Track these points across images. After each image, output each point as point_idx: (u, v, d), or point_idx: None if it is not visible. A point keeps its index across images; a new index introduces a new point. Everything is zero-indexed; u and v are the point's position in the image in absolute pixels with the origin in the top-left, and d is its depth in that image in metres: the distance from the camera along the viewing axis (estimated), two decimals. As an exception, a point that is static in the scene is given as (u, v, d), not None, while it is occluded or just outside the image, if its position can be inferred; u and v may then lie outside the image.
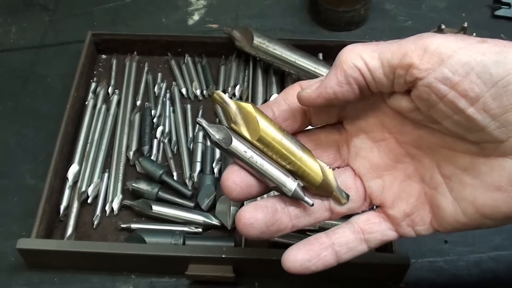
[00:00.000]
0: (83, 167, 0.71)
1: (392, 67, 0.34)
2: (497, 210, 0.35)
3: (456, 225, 0.38)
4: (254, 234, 0.40)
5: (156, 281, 0.63)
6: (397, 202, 0.41)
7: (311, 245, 0.41)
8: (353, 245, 0.42)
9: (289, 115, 0.42)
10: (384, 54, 0.35)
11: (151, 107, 0.79)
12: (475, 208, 0.36)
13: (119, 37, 0.84)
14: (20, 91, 0.82)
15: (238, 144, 0.40)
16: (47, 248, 0.61)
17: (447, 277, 0.63)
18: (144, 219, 0.68)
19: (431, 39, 0.33)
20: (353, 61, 0.36)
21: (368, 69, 0.36)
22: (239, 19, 0.92)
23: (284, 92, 0.42)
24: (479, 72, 0.31)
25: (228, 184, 0.39)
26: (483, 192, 0.36)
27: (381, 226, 0.41)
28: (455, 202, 0.38)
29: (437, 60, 0.32)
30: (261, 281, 0.63)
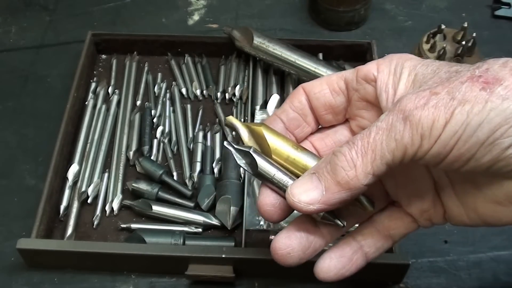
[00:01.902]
0: (83, 167, 0.71)
1: (395, 163, 0.35)
2: (498, 220, 0.37)
3: (462, 224, 0.40)
4: (293, 262, 0.40)
5: (156, 281, 0.63)
6: (413, 200, 0.42)
7: (342, 251, 0.42)
8: (380, 244, 0.43)
9: (299, 122, 0.42)
10: (385, 159, 0.35)
11: (151, 107, 0.79)
12: (477, 215, 0.38)
13: (119, 37, 0.84)
14: (20, 91, 0.82)
15: (264, 168, 0.40)
16: (47, 248, 0.61)
17: (447, 277, 0.63)
18: (144, 219, 0.68)
19: (413, 115, 0.33)
20: (361, 183, 0.36)
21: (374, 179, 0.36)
22: (239, 19, 0.92)
23: (289, 99, 0.43)
24: (466, 138, 0.33)
25: (267, 209, 0.40)
26: (483, 203, 0.37)
27: (403, 221, 0.42)
28: (460, 206, 0.39)
29: (428, 143, 0.33)
30: (261, 281, 0.63)
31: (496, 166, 0.33)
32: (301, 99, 0.42)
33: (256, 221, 0.66)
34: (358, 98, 0.41)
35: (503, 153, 0.32)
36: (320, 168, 0.37)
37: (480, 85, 0.33)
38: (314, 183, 0.37)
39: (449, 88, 0.33)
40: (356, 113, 0.42)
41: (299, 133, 0.43)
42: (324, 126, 0.44)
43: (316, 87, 0.42)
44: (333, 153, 0.37)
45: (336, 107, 0.42)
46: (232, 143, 0.41)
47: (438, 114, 0.33)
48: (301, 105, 0.42)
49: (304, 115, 0.42)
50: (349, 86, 0.41)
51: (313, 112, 0.43)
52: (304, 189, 0.37)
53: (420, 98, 0.34)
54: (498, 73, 0.33)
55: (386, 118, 0.35)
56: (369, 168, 0.35)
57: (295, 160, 0.40)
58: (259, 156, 0.40)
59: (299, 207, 0.37)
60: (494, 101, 0.32)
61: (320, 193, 0.36)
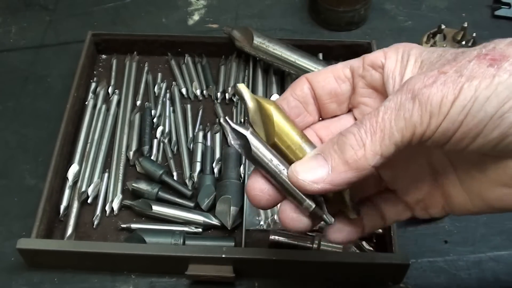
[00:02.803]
0: (83, 167, 0.71)
1: (404, 144, 0.35)
2: (503, 203, 0.37)
3: (466, 212, 0.40)
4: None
5: (156, 281, 0.63)
6: (410, 190, 0.42)
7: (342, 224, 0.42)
8: (375, 222, 0.43)
9: (300, 110, 0.42)
10: (394, 138, 0.34)
11: (151, 107, 0.79)
12: (482, 200, 0.38)
13: (119, 37, 0.84)
14: (20, 91, 0.82)
15: (259, 154, 0.38)
16: (47, 248, 0.61)
17: (447, 277, 0.63)
18: (144, 219, 0.68)
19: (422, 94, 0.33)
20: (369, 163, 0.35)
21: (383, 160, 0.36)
22: (239, 19, 0.92)
23: (291, 88, 0.42)
24: (474, 113, 0.33)
25: (255, 193, 0.39)
26: (489, 187, 0.37)
27: (397, 207, 0.42)
28: (464, 193, 0.39)
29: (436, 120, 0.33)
30: (261, 281, 0.63)
31: (504, 142, 0.33)
32: (303, 88, 0.42)
33: (256, 221, 0.66)
34: (363, 85, 0.41)
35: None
36: (326, 149, 0.36)
37: (488, 62, 0.33)
38: (320, 162, 0.36)
39: (457, 67, 0.33)
40: (360, 101, 0.42)
41: (300, 122, 0.42)
42: (326, 117, 0.43)
43: (320, 75, 0.42)
44: (341, 133, 0.36)
45: (341, 95, 0.42)
46: (230, 120, 0.38)
47: (447, 91, 0.33)
48: (303, 93, 0.41)
49: (305, 103, 0.42)
50: (355, 73, 0.41)
51: (316, 102, 0.42)
52: (308, 167, 0.36)
53: (428, 77, 0.34)
54: (505, 51, 0.33)
55: (394, 98, 0.35)
56: (377, 148, 0.34)
57: (298, 150, 0.38)
58: (256, 140, 0.38)
59: (303, 185, 0.36)
60: (502, 76, 0.32)
61: (326, 172, 0.36)
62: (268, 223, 0.66)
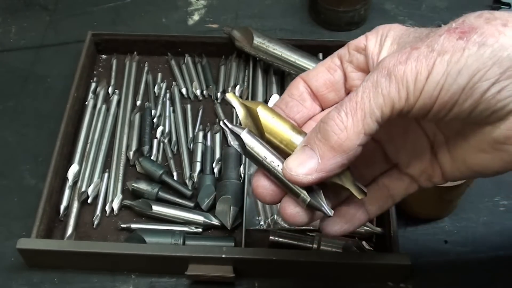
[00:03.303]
0: (83, 167, 0.71)
1: (384, 119, 0.36)
2: (486, 168, 0.39)
3: (455, 178, 0.42)
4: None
5: (156, 281, 0.63)
6: (412, 161, 0.43)
7: (346, 209, 0.43)
8: (381, 203, 0.44)
9: (298, 108, 0.43)
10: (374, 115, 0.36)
11: (151, 107, 0.79)
12: (466, 166, 0.40)
13: (119, 37, 0.84)
14: (20, 91, 0.82)
15: (254, 151, 0.39)
16: (47, 248, 0.61)
17: (447, 277, 0.63)
18: (144, 219, 0.68)
19: (397, 71, 0.35)
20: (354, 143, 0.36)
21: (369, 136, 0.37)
22: (239, 19, 0.92)
23: (287, 89, 0.44)
24: (448, 86, 0.34)
25: (259, 191, 0.40)
26: (471, 153, 0.39)
27: (403, 181, 0.44)
28: (452, 161, 0.41)
29: (413, 96, 0.35)
30: (261, 281, 0.63)
31: (477, 110, 0.35)
32: (299, 87, 0.43)
33: (256, 221, 0.66)
34: (352, 69, 0.43)
35: (483, 96, 0.34)
36: (311, 139, 0.38)
37: (457, 35, 0.34)
38: (308, 153, 0.37)
39: (428, 42, 0.35)
40: (353, 84, 0.43)
41: (299, 118, 0.43)
42: (328, 107, 0.44)
43: (313, 71, 0.44)
44: (321, 121, 0.37)
45: (336, 83, 0.43)
46: (228, 122, 0.40)
47: (420, 66, 0.34)
48: (299, 92, 0.43)
49: (302, 100, 0.43)
50: (343, 60, 0.43)
51: (314, 97, 0.43)
52: (299, 162, 0.38)
53: (402, 54, 0.35)
54: (474, 23, 0.35)
55: (370, 77, 0.36)
56: (360, 127, 0.36)
57: (291, 142, 0.39)
58: (251, 138, 0.39)
59: (298, 180, 0.37)
60: (471, 48, 0.34)
61: (316, 162, 0.37)
62: (268, 223, 0.66)
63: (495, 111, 0.35)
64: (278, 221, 0.66)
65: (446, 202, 0.64)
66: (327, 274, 0.62)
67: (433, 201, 0.64)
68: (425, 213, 0.67)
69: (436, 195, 0.62)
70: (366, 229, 0.65)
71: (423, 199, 0.64)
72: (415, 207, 0.67)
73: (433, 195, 0.62)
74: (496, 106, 0.34)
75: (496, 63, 0.33)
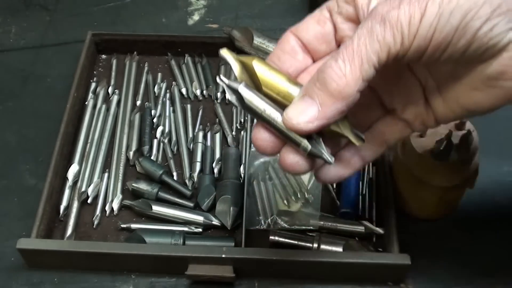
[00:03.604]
0: (83, 167, 0.71)
1: (381, 65, 0.37)
2: (479, 106, 0.40)
3: (449, 120, 0.44)
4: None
5: (156, 281, 0.63)
6: (407, 106, 0.44)
7: (340, 155, 0.44)
8: (376, 148, 0.46)
9: (290, 61, 0.43)
10: (371, 61, 0.36)
11: (151, 107, 0.79)
12: (460, 106, 0.41)
13: (119, 37, 0.84)
14: (20, 91, 0.82)
15: (252, 104, 0.40)
16: (47, 248, 0.61)
17: (447, 277, 0.63)
18: (144, 219, 0.68)
19: (391, 16, 0.36)
20: (353, 89, 0.37)
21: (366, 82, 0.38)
22: (239, 19, 0.92)
23: (278, 44, 0.44)
24: (441, 27, 0.35)
25: (259, 143, 0.41)
26: (464, 93, 0.40)
27: (398, 126, 0.45)
28: (444, 103, 0.42)
29: (408, 39, 0.36)
30: (261, 281, 0.63)
31: (470, 48, 0.36)
32: (290, 40, 0.44)
33: (256, 221, 0.66)
34: (342, 20, 0.43)
35: (475, 34, 0.35)
36: (309, 88, 0.38)
37: None
38: (308, 102, 0.38)
39: None
40: (343, 34, 0.43)
41: (293, 71, 0.44)
42: (320, 59, 0.45)
43: (303, 24, 0.44)
44: (319, 70, 0.38)
45: (327, 35, 0.44)
46: (224, 78, 0.41)
47: (413, 10, 0.35)
48: (290, 45, 0.43)
49: (294, 53, 0.43)
50: (333, 12, 0.43)
51: (305, 50, 0.44)
52: (299, 110, 0.38)
53: (394, 0, 0.36)
54: None
55: (365, 25, 0.37)
56: (358, 74, 0.37)
57: (288, 93, 0.40)
58: (249, 91, 0.40)
59: (299, 128, 0.38)
60: None
61: (316, 109, 0.38)
62: (268, 223, 0.66)
63: (488, 49, 0.36)
64: (278, 221, 0.66)
65: (446, 202, 0.64)
66: (327, 274, 0.62)
67: (433, 201, 0.64)
68: (425, 213, 0.67)
69: (436, 195, 0.62)
70: (366, 229, 0.65)
71: (423, 200, 0.64)
72: (415, 207, 0.67)
73: (433, 196, 0.63)
74: (489, 44, 0.36)
75: (487, 1, 0.34)
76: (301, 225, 0.65)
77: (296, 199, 0.67)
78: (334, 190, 0.69)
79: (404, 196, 0.66)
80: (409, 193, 0.65)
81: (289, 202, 0.67)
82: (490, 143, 0.65)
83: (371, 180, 0.70)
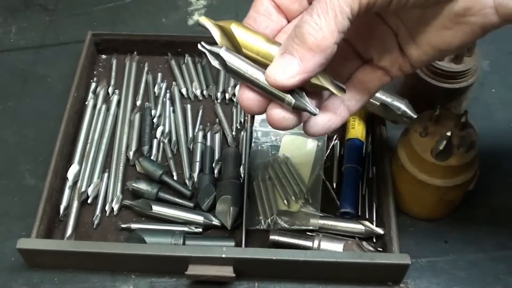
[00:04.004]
0: (83, 167, 0.71)
1: (354, 16, 0.38)
2: (450, 44, 0.43)
3: (423, 63, 0.46)
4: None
5: (156, 281, 0.63)
6: (382, 54, 0.46)
7: (326, 107, 0.45)
8: (359, 97, 0.47)
9: (266, 22, 0.44)
10: (345, 13, 0.38)
11: (151, 107, 0.79)
12: (432, 47, 0.44)
13: (119, 37, 0.84)
14: (20, 91, 0.82)
15: (235, 66, 0.41)
16: (47, 248, 0.61)
17: (447, 277, 0.63)
18: (144, 219, 0.68)
19: None
20: (331, 41, 0.38)
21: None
22: (239, 19, 0.91)
23: (253, 7, 0.45)
24: None
25: (246, 103, 0.42)
26: (434, 34, 0.43)
27: (377, 74, 0.47)
28: (417, 47, 0.44)
29: None
30: (261, 281, 0.63)
31: None
32: (263, 2, 0.44)
33: (256, 221, 0.66)
34: None
35: None
36: (288, 45, 0.40)
37: None
38: (288, 58, 0.40)
39: None
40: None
41: (269, 32, 0.45)
42: (294, 19, 0.46)
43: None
44: (296, 26, 0.39)
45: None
46: (206, 44, 0.42)
47: None
48: (264, 7, 0.44)
49: (269, 14, 0.44)
50: None
51: (279, 10, 0.45)
52: (281, 68, 0.40)
53: None
54: None
55: None
56: (333, 26, 0.38)
57: (268, 53, 0.41)
58: (230, 54, 0.41)
59: (282, 84, 0.40)
60: None
61: (297, 64, 0.39)
62: (268, 223, 0.66)
63: None
64: (278, 221, 0.66)
65: (446, 202, 0.64)
66: (327, 274, 0.62)
67: (433, 201, 0.64)
68: (425, 213, 0.67)
69: (436, 195, 0.62)
70: (366, 229, 0.65)
71: (423, 199, 0.64)
72: (415, 207, 0.67)
73: (433, 196, 0.62)
74: None
75: None
76: (301, 225, 0.65)
77: (296, 199, 0.67)
78: (334, 190, 0.69)
79: (404, 196, 0.66)
80: (409, 193, 0.65)
81: (289, 202, 0.67)
82: (490, 143, 0.65)
83: (371, 180, 0.70)
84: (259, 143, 0.73)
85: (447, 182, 0.60)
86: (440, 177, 0.60)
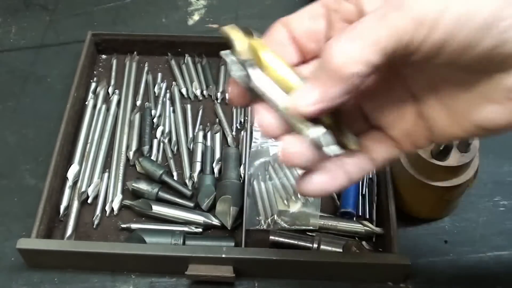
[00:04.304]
0: (83, 167, 0.71)
1: (388, 52, 0.33)
2: (493, 122, 0.35)
3: (453, 137, 0.39)
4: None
5: (156, 281, 0.63)
6: (395, 123, 0.41)
7: (325, 168, 0.40)
8: (362, 165, 0.42)
9: (282, 53, 0.40)
10: (379, 44, 0.33)
11: (151, 107, 0.79)
12: (470, 121, 0.36)
13: (119, 37, 0.84)
14: (20, 91, 0.82)
15: (258, 84, 0.38)
16: (47, 248, 0.61)
17: (447, 277, 0.63)
18: (144, 219, 0.68)
19: (412, 6, 0.32)
20: (352, 70, 0.34)
21: (368, 68, 0.34)
22: (239, 19, 0.92)
23: (268, 33, 0.42)
24: (466, 21, 0.31)
25: (265, 125, 0.39)
26: (477, 106, 0.35)
27: (386, 144, 0.41)
28: (449, 117, 0.37)
29: (428, 29, 0.32)
30: (261, 281, 0.63)
31: (496, 51, 0.32)
32: (280, 30, 0.41)
33: (256, 221, 0.66)
34: (338, 19, 0.40)
35: (502, 35, 0.31)
36: (311, 74, 0.37)
37: None
38: (308, 86, 0.36)
39: None
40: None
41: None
42: (308, 57, 0.42)
43: (295, 17, 0.42)
44: (321, 49, 0.36)
45: (318, 33, 0.41)
46: (231, 53, 0.39)
47: (436, 0, 0.32)
48: (280, 36, 0.41)
49: (283, 45, 0.41)
50: (329, 8, 0.40)
51: (295, 44, 0.41)
52: (300, 94, 0.37)
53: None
54: None
55: (378, 11, 0.33)
56: (359, 54, 0.33)
57: (290, 83, 0.38)
58: (255, 70, 0.39)
59: (301, 111, 0.36)
60: None
61: (317, 92, 0.36)
62: (268, 223, 0.66)
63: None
64: (278, 221, 0.66)
65: (446, 202, 0.64)
66: (327, 274, 0.62)
67: (433, 201, 0.64)
68: (425, 213, 0.67)
69: (436, 195, 0.62)
70: (366, 229, 0.65)
71: (423, 199, 0.64)
72: (415, 207, 0.67)
73: (433, 195, 0.62)
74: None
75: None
76: (301, 225, 0.65)
77: (296, 199, 0.67)
78: (334, 190, 0.69)
79: (404, 196, 0.66)
80: (409, 193, 0.65)
81: (289, 202, 0.67)
82: (490, 143, 0.65)
83: (371, 180, 0.70)
84: (259, 143, 0.73)
85: (447, 182, 0.60)
86: (440, 177, 0.60)
